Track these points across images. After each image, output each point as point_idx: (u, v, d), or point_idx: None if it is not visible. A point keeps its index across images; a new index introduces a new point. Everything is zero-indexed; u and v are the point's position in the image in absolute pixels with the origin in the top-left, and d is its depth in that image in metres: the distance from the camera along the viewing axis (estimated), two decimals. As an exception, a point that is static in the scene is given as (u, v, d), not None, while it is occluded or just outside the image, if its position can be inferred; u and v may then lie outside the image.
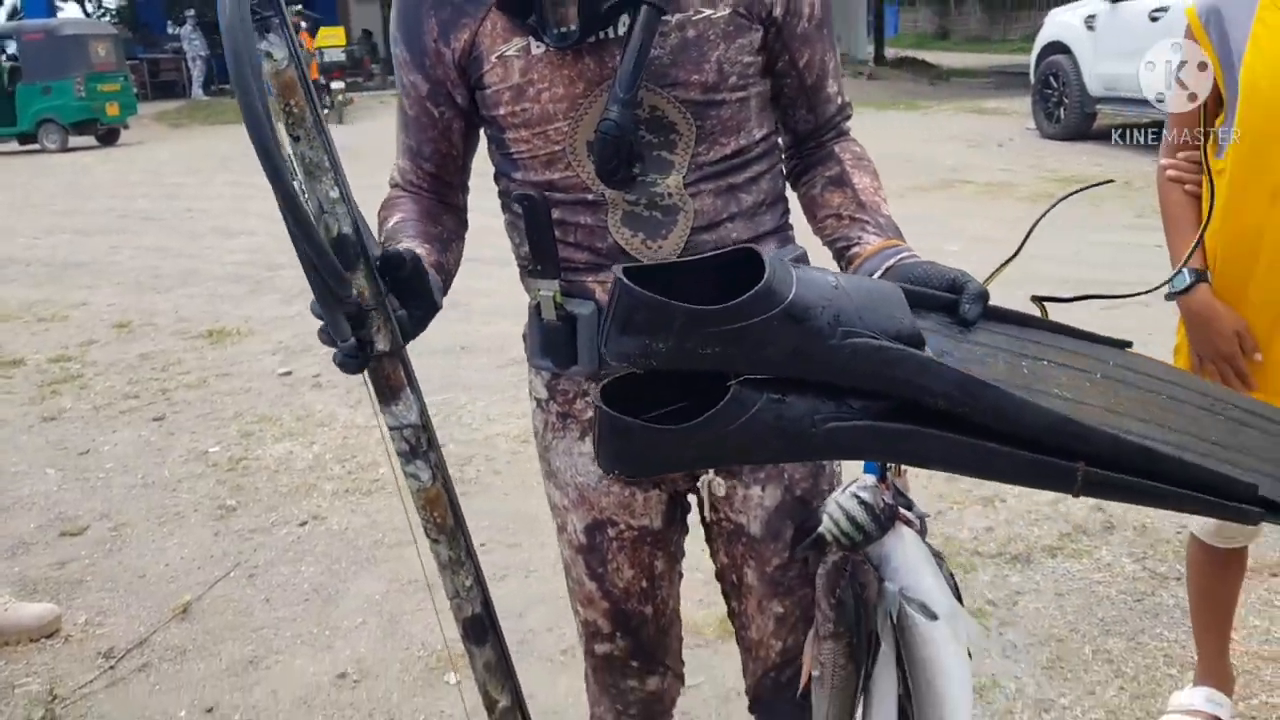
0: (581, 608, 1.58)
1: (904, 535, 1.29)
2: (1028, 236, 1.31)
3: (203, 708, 2.53)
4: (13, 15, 25.96)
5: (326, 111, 15.34)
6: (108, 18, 28.63)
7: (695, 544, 1.60)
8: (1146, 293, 1.47)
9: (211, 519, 3.51)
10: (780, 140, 1.47)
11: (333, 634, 2.81)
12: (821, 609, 1.31)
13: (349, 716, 2.47)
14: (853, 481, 1.29)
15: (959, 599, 1.32)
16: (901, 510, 1.29)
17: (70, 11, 27.93)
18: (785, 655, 1.54)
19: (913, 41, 33.07)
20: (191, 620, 2.91)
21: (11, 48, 17.82)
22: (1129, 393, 1.15)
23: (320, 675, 2.63)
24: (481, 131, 1.44)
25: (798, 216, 1.48)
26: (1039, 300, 1.28)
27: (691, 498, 1.53)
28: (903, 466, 1.31)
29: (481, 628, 1.29)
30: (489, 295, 5.42)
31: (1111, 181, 1.84)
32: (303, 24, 15.87)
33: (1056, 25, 10.88)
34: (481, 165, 1.49)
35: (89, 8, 29.24)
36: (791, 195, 1.50)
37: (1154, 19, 8.75)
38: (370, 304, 1.11)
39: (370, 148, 7.03)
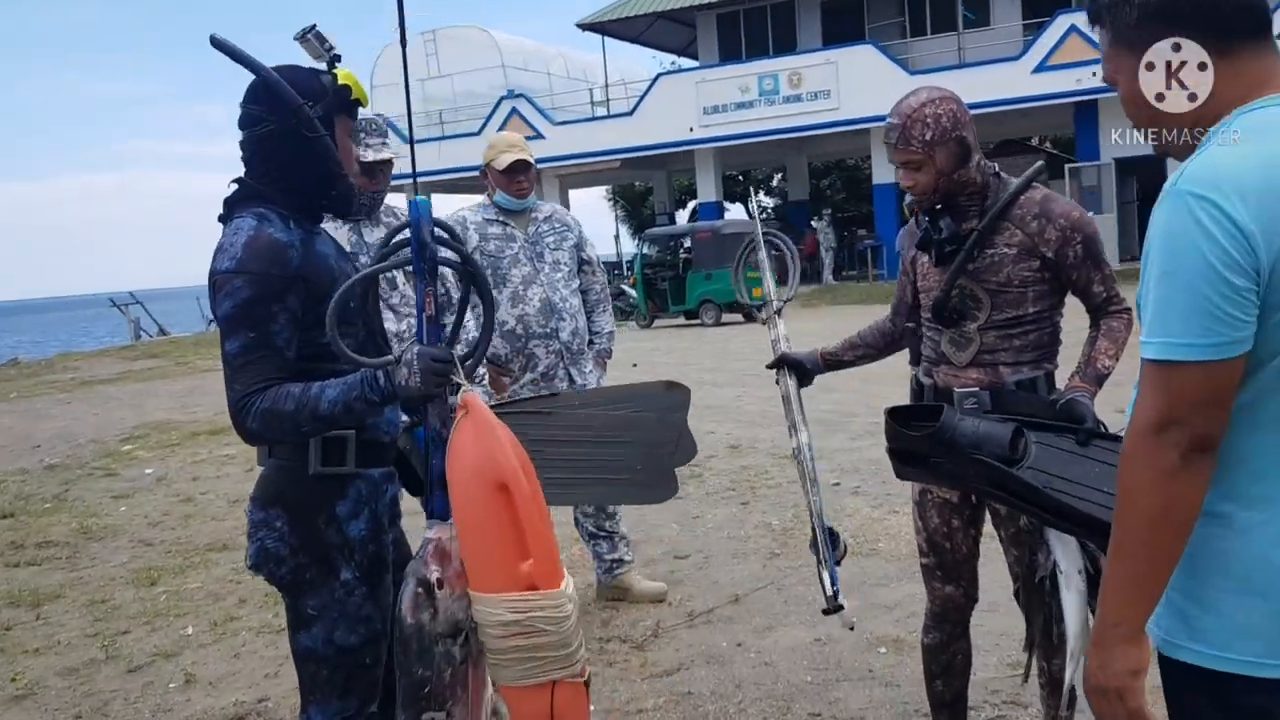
0: (915, 535, 2.96)
1: (1059, 535, 2.53)
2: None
3: (733, 642, 4.18)
4: (692, 216, 31.99)
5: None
6: (764, 215, 33.74)
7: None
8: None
9: (764, 558, 5.24)
10: (1056, 315, 2.75)
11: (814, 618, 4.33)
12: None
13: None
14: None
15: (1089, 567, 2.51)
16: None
17: (736, 213, 33.55)
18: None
19: None
20: (739, 605, 4.61)
21: (687, 243, 22.56)
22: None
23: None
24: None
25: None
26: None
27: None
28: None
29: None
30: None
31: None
32: None
33: None
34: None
35: (751, 208, 34.65)
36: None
37: None
38: None
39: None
